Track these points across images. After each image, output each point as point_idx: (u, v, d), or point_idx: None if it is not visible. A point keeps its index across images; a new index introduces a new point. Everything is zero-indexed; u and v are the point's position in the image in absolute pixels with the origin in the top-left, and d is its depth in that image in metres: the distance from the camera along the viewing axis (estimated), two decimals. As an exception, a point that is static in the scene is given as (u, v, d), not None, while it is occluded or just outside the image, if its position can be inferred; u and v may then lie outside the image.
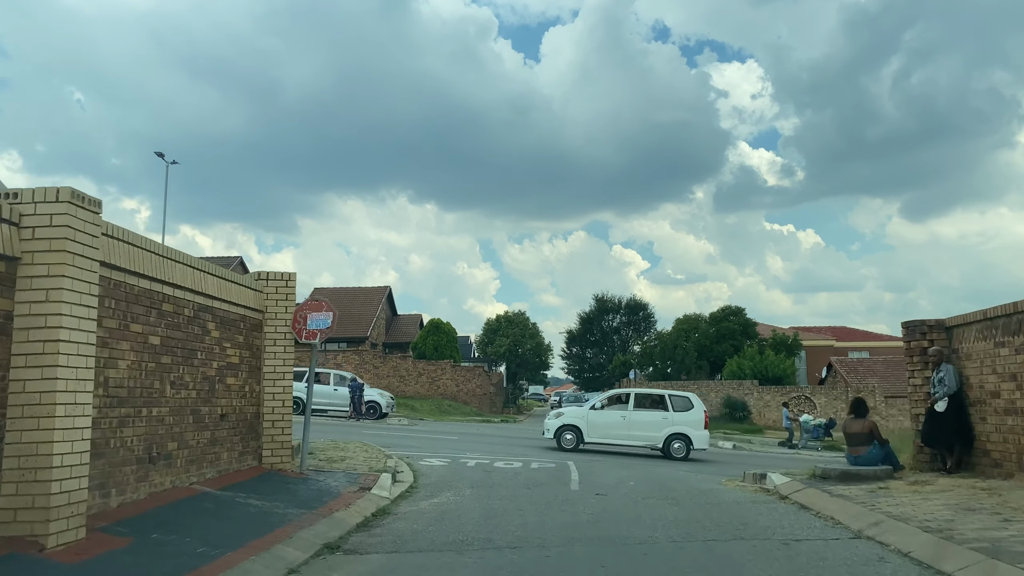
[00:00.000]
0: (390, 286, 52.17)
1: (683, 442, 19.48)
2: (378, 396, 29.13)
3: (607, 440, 19.82)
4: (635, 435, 19.72)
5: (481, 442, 21.35)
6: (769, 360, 39.01)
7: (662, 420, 19.64)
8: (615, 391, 23.11)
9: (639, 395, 20.76)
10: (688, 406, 19.90)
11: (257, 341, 10.42)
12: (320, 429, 21.13)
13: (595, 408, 20.27)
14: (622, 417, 19.85)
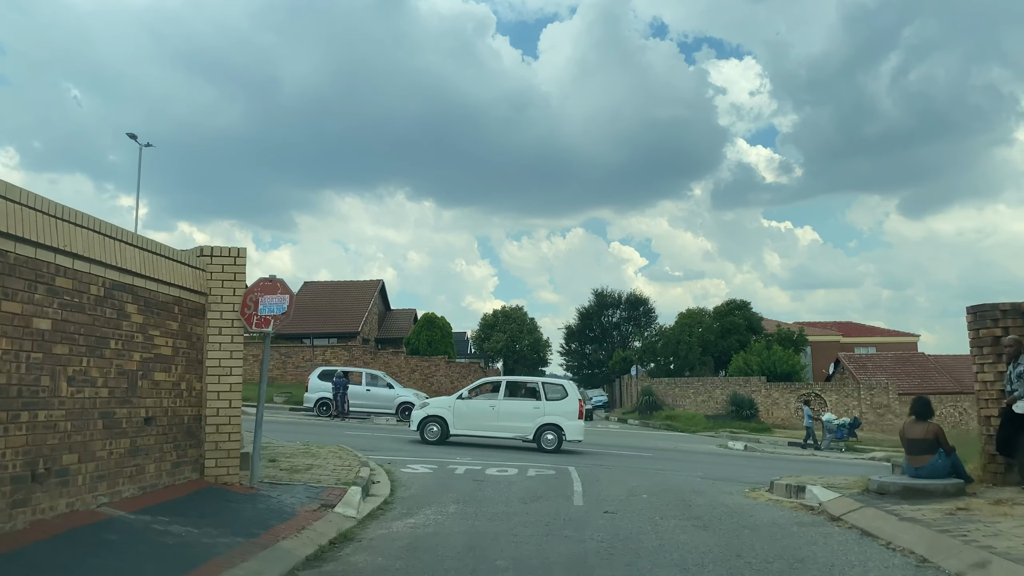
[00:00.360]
0: (383, 280, 50.51)
1: (555, 433, 18.25)
2: (413, 397, 27.07)
3: (476, 432, 18.62)
4: (505, 426, 18.50)
5: (475, 444, 19.64)
6: (777, 356, 37.34)
7: (534, 410, 18.44)
8: (485, 379, 21.77)
9: (511, 383, 19.79)
10: (562, 395, 18.77)
11: (198, 329, 8.70)
12: (299, 431, 19.44)
13: (463, 397, 18.88)
14: (491, 407, 18.64)
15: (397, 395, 27.34)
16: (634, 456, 19.25)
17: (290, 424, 22.36)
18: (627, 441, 24.94)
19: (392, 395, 27.27)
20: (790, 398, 36.73)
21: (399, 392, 27.60)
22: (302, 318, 45.53)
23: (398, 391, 27.62)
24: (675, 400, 38.96)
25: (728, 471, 16.89)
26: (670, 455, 20.52)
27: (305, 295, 48.96)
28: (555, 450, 17.95)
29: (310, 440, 15.87)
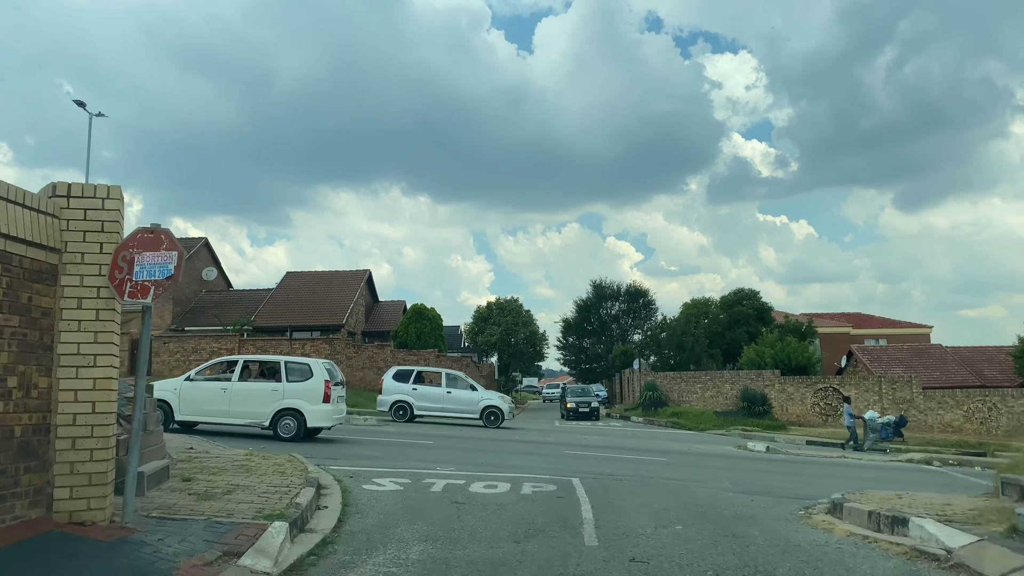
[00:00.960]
0: (369, 270, 47.75)
1: (295, 419, 15.97)
2: (499, 401, 24.68)
3: (205, 418, 16.29)
4: (238, 411, 16.13)
5: (462, 447, 17.02)
6: (791, 347, 34.74)
7: (271, 393, 16.13)
8: (221, 359, 18.88)
9: (248, 362, 17.39)
10: (306, 375, 16.53)
11: (45, 300, 6.04)
12: (266, 437, 16.78)
13: (191, 379, 16.60)
14: (223, 390, 16.30)
15: (481, 398, 24.63)
16: (645, 461, 16.64)
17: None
18: (634, 442, 22.36)
19: (475, 398, 24.58)
20: (806, 393, 34.15)
21: (483, 395, 24.84)
22: (283, 310, 42.87)
23: (481, 394, 24.94)
24: (681, 395, 36.38)
25: (760, 480, 14.30)
26: (685, 459, 17.92)
27: (287, 286, 46.29)
28: (294, 438, 15.65)
29: (260, 448, 13.23)
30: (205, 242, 47.19)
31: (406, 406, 23.87)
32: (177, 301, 42.62)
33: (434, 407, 24.11)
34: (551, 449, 17.98)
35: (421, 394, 24.23)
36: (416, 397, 24.09)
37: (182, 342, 34.71)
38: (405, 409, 23.80)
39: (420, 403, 24.06)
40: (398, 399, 24.03)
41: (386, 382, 24.63)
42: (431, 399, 24.16)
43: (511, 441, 19.47)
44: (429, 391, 24.34)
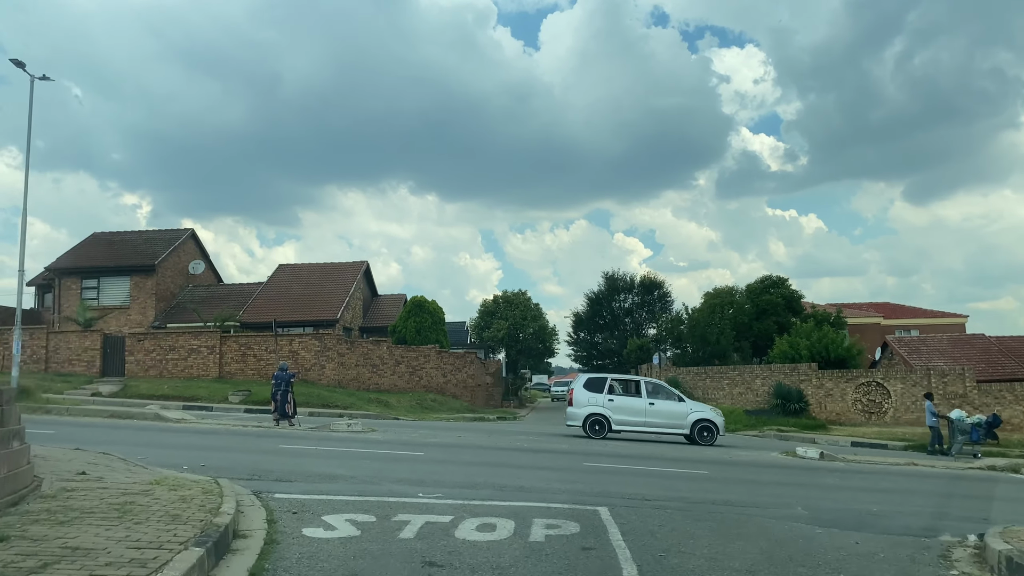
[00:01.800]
0: (367, 261, 44.63)
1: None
2: (712, 414, 21.04)
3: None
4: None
5: (458, 460, 13.90)
6: (829, 338, 31.39)
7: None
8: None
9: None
10: None
11: None
12: (235, 443, 13.67)
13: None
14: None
15: (690, 411, 20.90)
16: (683, 475, 13.48)
17: (254, 435, 16.62)
18: (662, 448, 19.18)
19: (683, 411, 20.89)
20: (846, 388, 30.84)
21: (692, 407, 21.15)
22: (273, 305, 39.83)
23: (690, 406, 21.24)
24: (706, 392, 33.16)
25: (838, 503, 11.18)
26: (729, 471, 14.75)
27: (278, 280, 43.27)
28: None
29: (219, 459, 10.16)
30: (192, 234, 44.21)
31: (602, 420, 20.50)
32: (161, 296, 39.69)
33: (634, 421, 20.58)
34: (566, 460, 14.84)
35: (619, 406, 20.72)
36: (613, 409, 20.60)
37: (158, 340, 31.72)
38: (602, 424, 20.45)
39: (618, 416, 20.57)
40: (593, 412, 20.53)
41: (576, 392, 21.13)
42: (631, 411, 20.65)
43: (518, 451, 16.32)
44: (628, 402, 20.82)
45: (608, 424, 20.33)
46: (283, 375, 21.16)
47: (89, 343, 31.59)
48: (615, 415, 20.58)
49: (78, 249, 41.73)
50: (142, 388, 29.42)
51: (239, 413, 26.01)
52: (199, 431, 16.81)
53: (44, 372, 31.13)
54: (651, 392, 21.01)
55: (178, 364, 31.29)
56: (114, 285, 39.75)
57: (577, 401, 20.77)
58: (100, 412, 18.39)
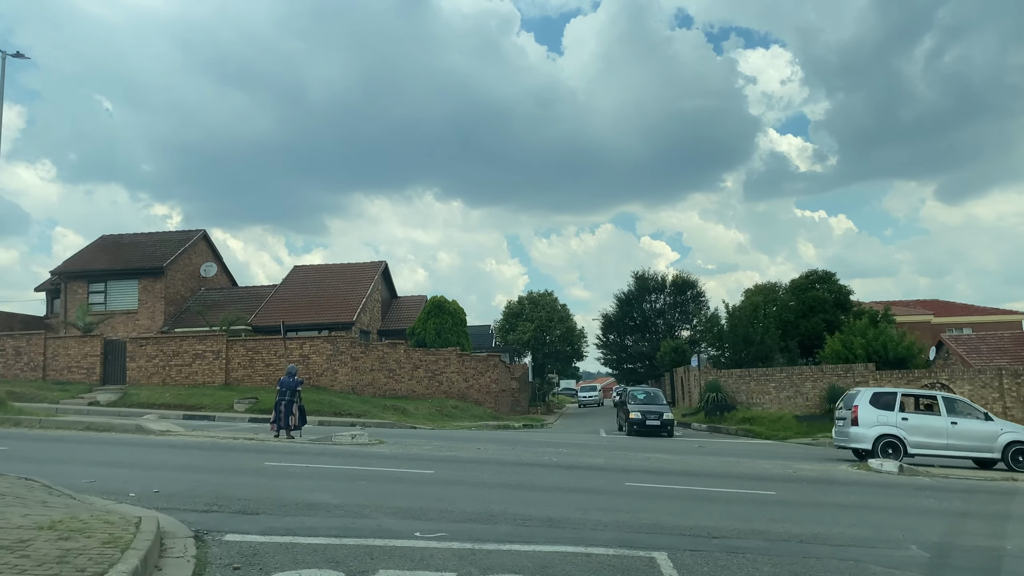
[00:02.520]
0: (385, 262, 42.45)
1: None
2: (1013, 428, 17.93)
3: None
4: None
5: (474, 479, 11.58)
6: (887, 336, 28.46)
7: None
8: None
9: None
10: None
11: None
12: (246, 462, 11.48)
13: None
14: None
15: (1001, 431, 17.55)
16: (749, 497, 11.02)
17: (242, 450, 14.50)
18: (711, 461, 16.68)
19: (993, 431, 17.51)
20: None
21: (1002, 427, 17.84)
22: (286, 307, 37.83)
23: (1000, 425, 17.86)
24: (751, 397, 30.53)
25: (960, 539, 8.71)
26: (802, 491, 12.25)
27: (293, 281, 41.28)
28: None
29: (181, 482, 7.95)
30: (203, 235, 42.37)
31: (896, 443, 17.48)
32: (170, 300, 37.86)
33: (935, 443, 17.51)
34: (604, 479, 12.44)
35: (915, 426, 17.61)
36: (908, 430, 17.54)
37: (160, 345, 29.78)
38: (896, 447, 17.45)
39: (914, 438, 17.48)
40: (885, 433, 17.58)
41: (862, 410, 17.93)
42: (930, 432, 17.51)
43: (546, 467, 13.93)
44: (926, 421, 17.71)
45: (903, 447, 17.33)
46: (289, 381, 18.93)
47: (89, 349, 29.75)
48: (911, 436, 17.44)
49: (86, 252, 40.09)
50: (142, 396, 27.49)
51: (242, 423, 23.93)
52: (180, 446, 14.65)
53: (42, 380, 29.34)
54: (950, 409, 17.75)
55: (182, 371, 29.33)
56: (122, 289, 38.00)
57: (864, 420, 17.58)
58: (76, 424, 16.33)
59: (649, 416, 25.24)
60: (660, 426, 24.97)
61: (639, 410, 25.67)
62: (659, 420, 25.09)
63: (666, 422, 25.20)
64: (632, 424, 25.48)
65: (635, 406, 26.17)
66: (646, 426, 25.05)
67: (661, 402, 27.11)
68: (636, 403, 26.56)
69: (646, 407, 25.96)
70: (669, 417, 25.58)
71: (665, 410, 25.95)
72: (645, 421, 25.11)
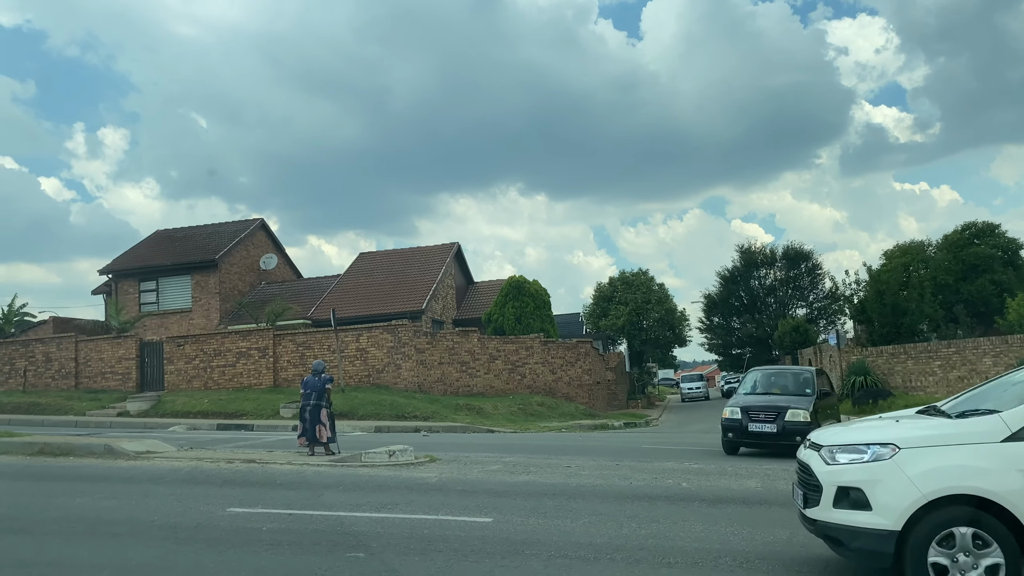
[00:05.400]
0: (458, 243, 37.81)
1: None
2: None
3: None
4: None
5: (558, 540, 6.56)
6: (1099, 295, 21.94)
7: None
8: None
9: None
10: None
11: None
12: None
13: None
14: None
15: None
16: None
17: (220, 483, 10.09)
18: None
19: None
20: None
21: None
22: (350, 298, 33.80)
23: None
24: (908, 379, 24.42)
25: None
26: None
27: (358, 270, 37.23)
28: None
29: None
30: (261, 224, 38.80)
31: None
32: (226, 296, 34.32)
33: None
34: (784, 532, 7.14)
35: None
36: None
37: (200, 344, 25.97)
38: None
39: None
40: None
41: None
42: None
43: (677, 501, 8.69)
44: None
45: None
46: (315, 382, 14.39)
47: (123, 352, 26.24)
48: None
49: (138, 248, 37.09)
50: (177, 404, 23.68)
51: (282, 432, 19.62)
52: (139, 478, 10.24)
53: (74, 389, 26.00)
54: None
55: (225, 372, 25.45)
56: (174, 285, 34.71)
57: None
58: (25, 448, 12.22)
59: (755, 414, 14.06)
60: (777, 434, 13.64)
61: (743, 405, 14.42)
62: (776, 423, 13.71)
63: (790, 428, 13.54)
64: (725, 429, 14.43)
65: (740, 399, 14.93)
66: (749, 433, 13.96)
67: (792, 391, 15.10)
68: (743, 395, 15.28)
69: (757, 400, 14.74)
70: (799, 418, 13.67)
71: (794, 404, 14.15)
72: (747, 425, 13.94)
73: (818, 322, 47.76)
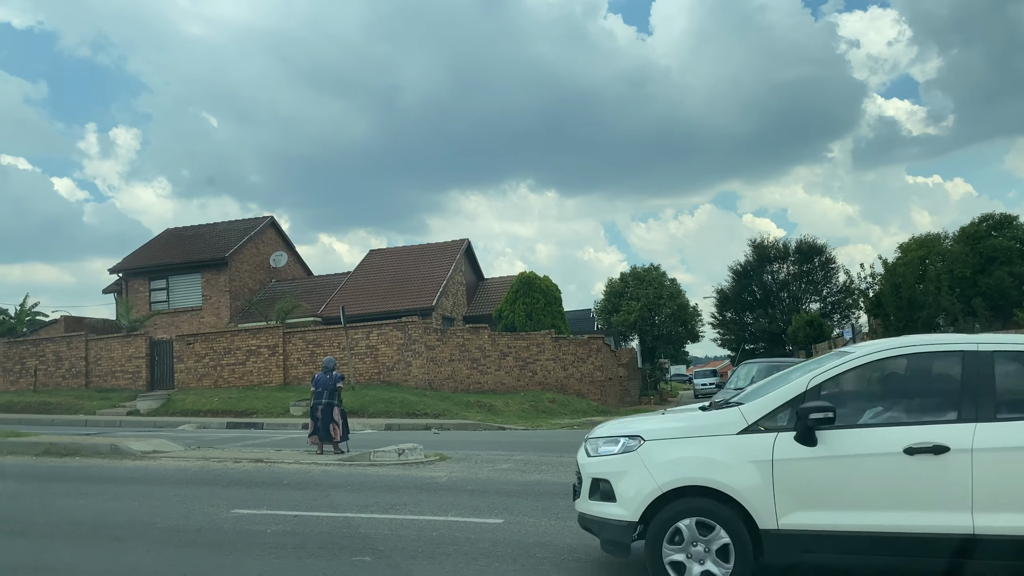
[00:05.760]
0: (468, 239, 37.63)
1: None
2: None
3: None
4: None
5: (570, 542, 6.36)
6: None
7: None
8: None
9: None
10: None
11: None
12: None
13: None
14: None
15: None
16: None
17: (226, 483, 9.96)
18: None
19: None
20: None
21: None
22: (360, 295, 33.65)
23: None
24: (926, 374, 24.06)
25: None
26: None
27: (368, 267, 37.08)
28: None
29: None
30: (271, 221, 38.72)
31: None
32: (236, 294, 34.26)
33: None
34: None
35: None
36: None
37: (210, 342, 25.88)
38: None
39: None
40: None
41: None
42: None
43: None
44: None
45: None
46: (326, 380, 14.28)
47: (133, 351, 26.17)
48: None
49: (149, 247, 37.08)
50: (187, 402, 23.60)
51: (292, 431, 19.51)
52: (145, 479, 10.11)
53: (84, 388, 25.97)
54: None
55: (235, 370, 25.34)
56: (184, 284, 34.67)
57: None
58: (29, 448, 12.10)
59: None
60: None
61: None
62: None
63: None
64: None
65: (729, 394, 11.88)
66: None
67: None
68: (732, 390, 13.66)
69: None
70: None
71: None
72: None
73: (832, 316, 47.36)
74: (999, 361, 4.70)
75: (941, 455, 4.45)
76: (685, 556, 4.74)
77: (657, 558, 4.78)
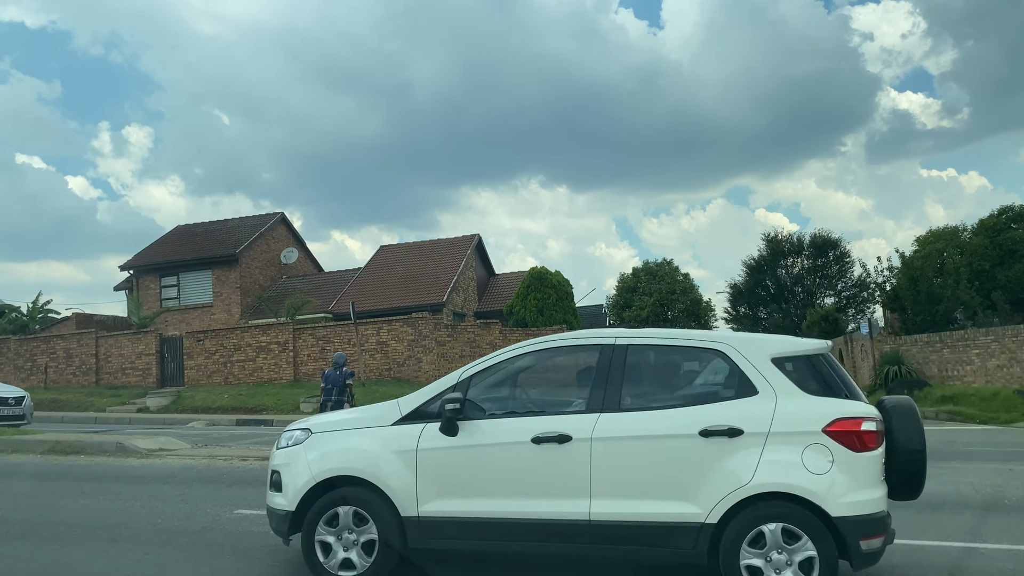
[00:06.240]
0: (479, 234, 37.38)
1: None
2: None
3: None
4: None
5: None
6: None
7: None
8: None
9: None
10: None
11: None
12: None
13: None
14: None
15: None
16: None
17: (231, 482, 9.77)
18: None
19: None
20: None
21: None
22: (370, 292, 33.52)
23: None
24: (944, 368, 23.61)
25: None
26: None
27: (379, 263, 36.96)
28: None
29: None
30: (282, 218, 38.68)
31: None
32: (246, 291, 34.20)
33: None
34: None
35: None
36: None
37: (220, 339, 25.80)
38: None
39: None
40: None
41: None
42: None
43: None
44: None
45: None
46: (335, 376, 14.20)
47: (143, 347, 26.13)
48: None
49: (159, 243, 37.09)
50: (197, 399, 23.53)
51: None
52: (148, 478, 9.96)
53: (94, 385, 25.96)
54: None
55: (245, 367, 25.24)
56: (195, 280, 34.66)
57: None
58: (34, 447, 11.97)
59: None
60: None
61: None
62: None
63: None
64: None
65: None
66: None
67: None
68: None
69: None
70: None
71: None
72: None
73: (847, 311, 46.81)
74: (632, 354, 4.90)
75: (564, 444, 4.64)
76: (335, 539, 4.94)
77: (310, 545, 4.94)
